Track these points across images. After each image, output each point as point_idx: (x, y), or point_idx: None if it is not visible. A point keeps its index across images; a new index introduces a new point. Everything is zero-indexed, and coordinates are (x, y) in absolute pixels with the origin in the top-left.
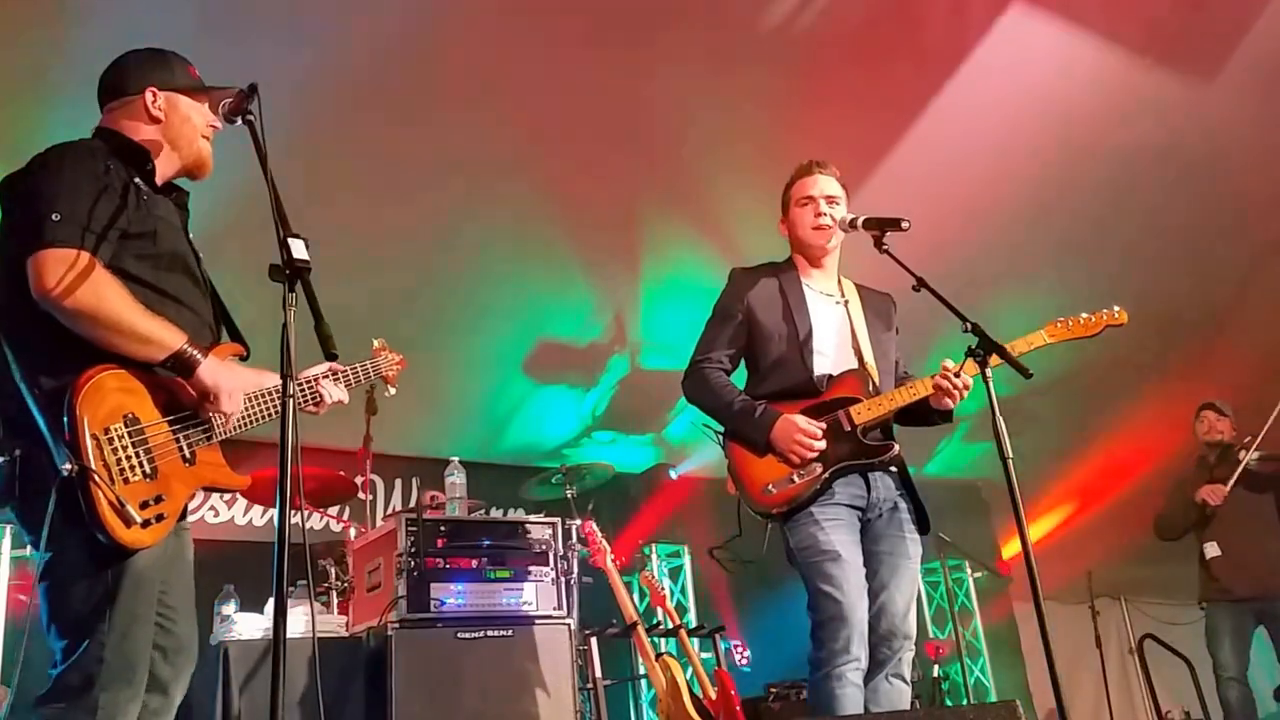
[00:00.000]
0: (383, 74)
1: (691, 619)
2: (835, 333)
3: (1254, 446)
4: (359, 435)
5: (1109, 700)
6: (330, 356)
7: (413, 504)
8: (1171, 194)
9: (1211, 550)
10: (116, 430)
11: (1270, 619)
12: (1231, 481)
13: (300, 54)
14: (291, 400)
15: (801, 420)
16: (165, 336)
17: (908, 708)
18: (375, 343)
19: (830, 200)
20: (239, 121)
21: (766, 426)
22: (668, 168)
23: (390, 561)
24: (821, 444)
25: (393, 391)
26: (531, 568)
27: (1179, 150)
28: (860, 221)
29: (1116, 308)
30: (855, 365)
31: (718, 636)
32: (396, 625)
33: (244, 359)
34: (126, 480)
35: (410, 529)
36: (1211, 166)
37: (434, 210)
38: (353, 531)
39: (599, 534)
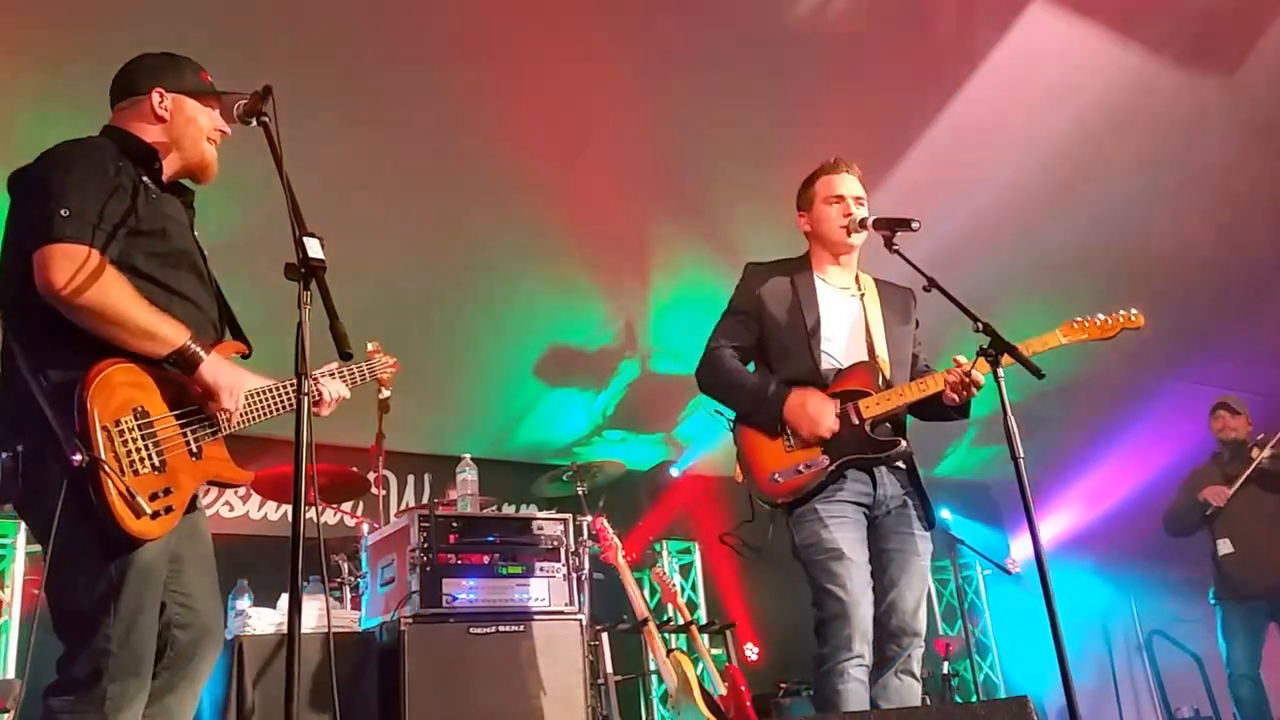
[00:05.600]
0: (400, 85)
1: (702, 615)
2: (847, 325)
3: (1268, 445)
4: (371, 432)
5: (1118, 697)
6: (345, 356)
7: (425, 500)
8: (1188, 193)
9: (1224, 547)
10: (127, 423)
11: None
12: (1240, 480)
13: (317, 59)
14: (306, 398)
15: (815, 396)
16: (169, 333)
17: (918, 704)
18: (370, 345)
19: (858, 200)
20: (254, 123)
21: (779, 401)
22: (677, 179)
23: (403, 557)
24: (834, 423)
25: (387, 394)
26: (543, 564)
27: (1196, 149)
28: (871, 221)
29: (1134, 310)
30: (865, 358)
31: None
32: (409, 620)
33: (245, 358)
34: (136, 472)
35: (423, 525)
36: (1230, 166)
37: (450, 219)
38: (365, 527)
39: (610, 530)
